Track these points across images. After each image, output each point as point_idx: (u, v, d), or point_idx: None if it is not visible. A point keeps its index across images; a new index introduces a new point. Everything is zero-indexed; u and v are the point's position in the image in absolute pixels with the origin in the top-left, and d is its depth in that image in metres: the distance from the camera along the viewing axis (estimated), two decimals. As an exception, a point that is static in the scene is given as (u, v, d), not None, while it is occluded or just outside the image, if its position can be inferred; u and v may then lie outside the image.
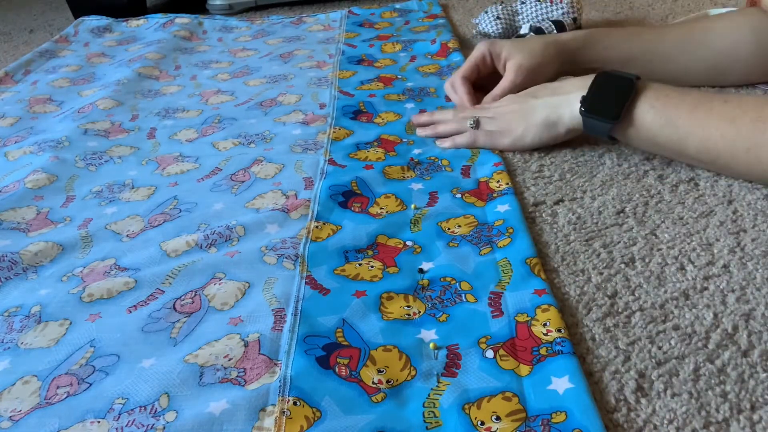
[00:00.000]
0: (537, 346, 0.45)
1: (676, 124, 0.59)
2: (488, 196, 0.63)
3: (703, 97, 0.60)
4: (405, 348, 0.46)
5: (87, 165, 0.76)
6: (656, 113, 0.60)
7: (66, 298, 0.54)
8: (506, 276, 0.52)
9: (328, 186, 0.66)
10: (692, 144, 0.59)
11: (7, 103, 0.95)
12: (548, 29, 1.00)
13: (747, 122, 0.56)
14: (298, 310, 0.50)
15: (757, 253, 0.53)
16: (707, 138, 0.58)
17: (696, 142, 0.59)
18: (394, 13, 1.26)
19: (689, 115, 0.58)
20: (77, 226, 0.64)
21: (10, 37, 1.38)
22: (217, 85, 0.98)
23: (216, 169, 0.73)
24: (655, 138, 0.61)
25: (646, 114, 0.60)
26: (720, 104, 0.58)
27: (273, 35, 1.21)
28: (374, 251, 0.57)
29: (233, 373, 0.45)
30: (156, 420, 0.42)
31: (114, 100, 0.93)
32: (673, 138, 0.60)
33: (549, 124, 0.67)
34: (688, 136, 0.59)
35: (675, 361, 0.44)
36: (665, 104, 0.60)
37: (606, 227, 0.58)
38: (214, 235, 0.60)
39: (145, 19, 1.31)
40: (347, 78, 0.95)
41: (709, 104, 0.58)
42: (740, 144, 0.56)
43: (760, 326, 0.46)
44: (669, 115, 0.59)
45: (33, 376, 0.46)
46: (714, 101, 0.58)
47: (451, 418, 0.40)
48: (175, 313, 0.51)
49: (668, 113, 0.59)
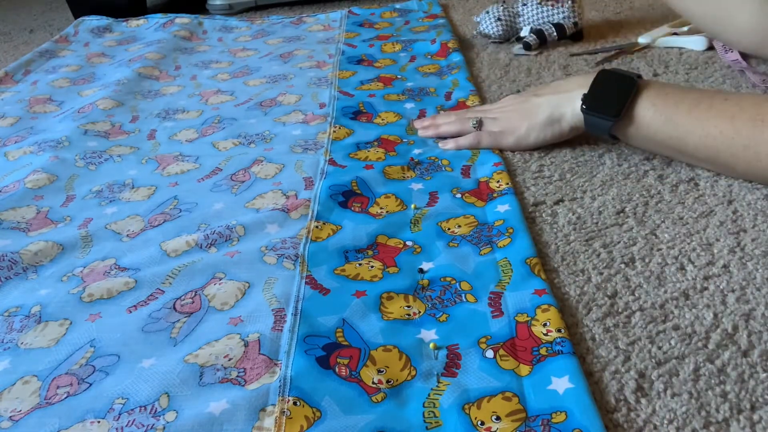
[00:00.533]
0: (537, 346, 0.45)
1: (676, 122, 0.59)
2: (488, 196, 0.63)
3: (703, 96, 0.60)
4: (405, 348, 0.46)
5: (87, 164, 0.76)
6: (656, 111, 0.60)
7: (66, 298, 0.54)
8: (506, 276, 0.52)
9: (328, 186, 0.66)
10: (692, 142, 0.59)
11: (7, 103, 0.95)
12: (549, 32, 1.00)
13: (746, 120, 0.56)
14: (298, 310, 0.50)
15: (757, 253, 0.53)
16: (706, 136, 0.58)
17: (695, 140, 0.59)
18: (394, 13, 1.26)
19: (689, 114, 0.59)
20: (77, 226, 0.64)
21: (10, 37, 1.38)
22: (217, 85, 0.98)
23: (216, 169, 0.73)
24: (655, 136, 0.61)
25: (646, 112, 0.60)
26: (720, 102, 0.58)
27: (273, 35, 1.21)
28: (374, 251, 0.57)
29: (233, 373, 0.45)
30: (156, 420, 0.42)
31: (114, 101, 0.93)
32: (673, 136, 0.60)
33: (552, 122, 0.68)
34: (688, 134, 0.59)
35: (675, 361, 0.44)
36: (665, 103, 0.60)
37: (606, 227, 0.58)
38: (214, 235, 0.60)
39: (145, 19, 1.31)
40: (347, 78, 0.95)
41: (709, 102, 0.58)
42: (739, 142, 0.56)
43: (760, 326, 0.46)
44: (669, 114, 0.59)
45: (33, 376, 0.46)
46: (714, 99, 0.58)
47: (451, 418, 0.40)
48: (175, 313, 0.51)
49: (668, 111, 0.59)
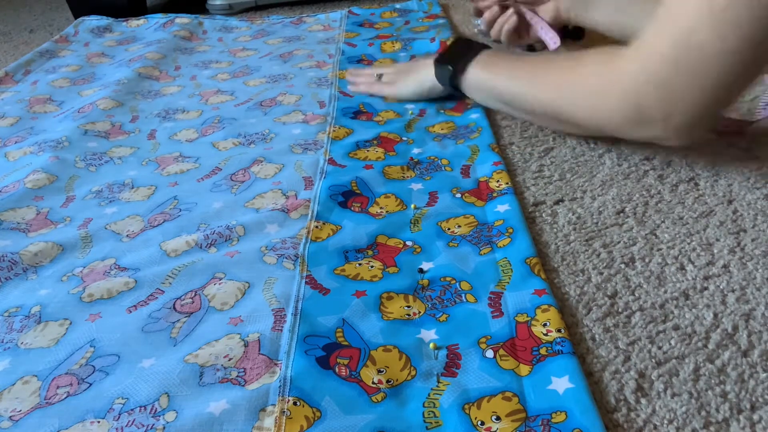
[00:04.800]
0: (537, 346, 0.45)
1: (494, 78, 0.74)
2: (488, 196, 0.63)
3: (520, 60, 0.75)
4: (405, 348, 0.46)
5: (87, 165, 0.76)
6: (482, 68, 0.76)
7: (66, 298, 0.54)
8: (506, 276, 0.52)
9: (328, 186, 0.66)
10: (506, 93, 0.73)
11: (7, 103, 0.95)
12: None
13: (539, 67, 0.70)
14: (298, 310, 0.50)
15: (757, 253, 0.53)
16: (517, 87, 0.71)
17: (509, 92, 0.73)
18: (394, 13, 1.26)
19: (506, 72, 0.73)
20: (77, 226, 0.64)
21: (10, 37, 1.38)
22: (217, 85, 0.98)
23: (216, 169, 0.73)
24: (480, 87, 0.77)
25: (474, 65, 0.76)
26: (530, 64, 0.72)
27: (273, 35, 1.21)
28: (374, 251, 0.57)
29: (233, 373, 0.45)
30: (156, 420, 0.42)
31: (114, 101, 0.93)
32: (493, 88, 0.75)
33: (419, 81, 0.85)
34: (503, 88, 0.73)
35: (675, 361, 0.44)
36: (492, 60, 0.75)
37: (606, 227, 0.58)
38: (214, 235, 0.60)
39: (145, 19, 1.31)
40: (347, 78, 0.95)
41: (522, 63, 0.73)
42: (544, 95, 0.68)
43: (760, 326, 0.46)
44: (491, 71, 0.75)
45: (33, 376, 0.46)
46: (527, 61, 0.74)
47: (451, 418, 0.40)
48: (175, 313, 0.51)
49: (491, 69, 0.75)
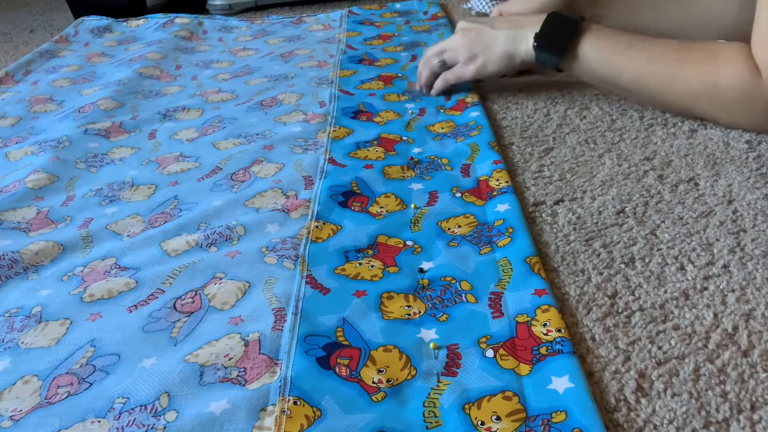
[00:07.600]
0: (537, 345, 0.45)
1: (612, 60, 0.70)
2: (488, 195, 0.63)
3: (635, 39, 0.70)
4: (405, 348, 0.46)
5: (88, 167, 0.76)
6: (596, 51, 0.71)
7: (66, 298, 0.54)
8: (506, 275, 0.52)
9: (328, 186, 0.66)
10: (625, 77, 0.70)
11: (7, 103, 0.95)
12: None
13: (670, 60, 0.67)
14: (299, 310, 0.50)
15: (757, 253, 0.53)
16: (636, 72, 0.69)
17: (629, 76, 0.70)
18: (394, 14, 1.26)
19: (623, 53, 0.70)
20: (78, 226, 0.64)
21: (10, 37, 1.38)
22: (218, 84, 0.98)
23: (216, 169, 0.73)
24: (594, 71, 0.72)
25: (587, 51, 0.71)
26: (650, 46, 0.69)
27: (273, 35, 1.21)
28: (374, 251, 0.57)
29: (234, 373, 0.45)
30: (156, 419, 0.42)
31: (115, 101, 0.93)
32: (610, 72, 0.71)
33: (507, 57, 0.77)
34: (622, 71, 0.70)
35: (675, 361, 0.44)
36: (603, 44, 0.71)
37: (606, 227, 0.58)
38: (215, 235, 0.60)
39: (145, 19, 1.31)
40: (348, 77, 0.95)
41: (641, 45, 0.69)
42: (664, 78, 0.68)
43: (760, 326, 0.46)
44: (606, 53, 0.70)
45: (33, 375, 0.46)
46: (646, 42, 0.70)
47: (451, 417, 0.41)
48: (176, 313, 0.51)
49: (606, 51, 0.70)
